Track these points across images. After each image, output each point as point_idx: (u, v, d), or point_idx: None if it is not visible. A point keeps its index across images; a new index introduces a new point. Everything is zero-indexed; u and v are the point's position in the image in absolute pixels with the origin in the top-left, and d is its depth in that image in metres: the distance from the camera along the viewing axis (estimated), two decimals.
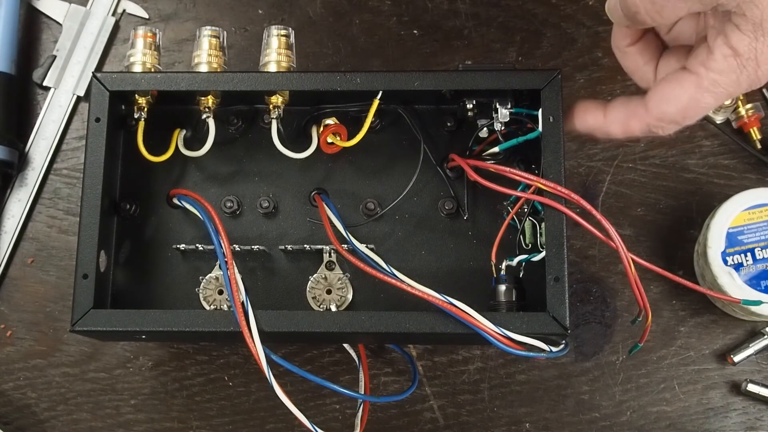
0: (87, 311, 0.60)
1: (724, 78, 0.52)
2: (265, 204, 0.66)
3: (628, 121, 0.56)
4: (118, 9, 0.78)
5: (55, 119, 0.76)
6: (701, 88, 0.52)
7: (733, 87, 0.52)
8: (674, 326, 0.71)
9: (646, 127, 0.55)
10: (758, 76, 0.51)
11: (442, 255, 0.65)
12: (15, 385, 0.72)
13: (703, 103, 0.53)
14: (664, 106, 0.54)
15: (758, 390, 0.69)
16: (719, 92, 0.52)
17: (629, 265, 0.57)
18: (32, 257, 0.74)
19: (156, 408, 0.72)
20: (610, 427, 0.70)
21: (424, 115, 0.66)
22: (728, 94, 0.52)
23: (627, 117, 0.56)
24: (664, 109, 0.54)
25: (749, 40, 0.50)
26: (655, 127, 0.55)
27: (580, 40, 0.76)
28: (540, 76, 0.61)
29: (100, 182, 0.61)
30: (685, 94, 0.53)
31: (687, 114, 0.54)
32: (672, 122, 0.55)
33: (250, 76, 0.63)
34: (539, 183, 0.59)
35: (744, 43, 0.50)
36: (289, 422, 0.71)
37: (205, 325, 0.59)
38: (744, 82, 0.52)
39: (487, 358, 0.71)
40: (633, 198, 0.73)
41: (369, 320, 0.59)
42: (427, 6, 0.77)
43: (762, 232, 0.67)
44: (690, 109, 0.53)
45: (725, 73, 0.51)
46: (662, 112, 0.54)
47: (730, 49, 0.51)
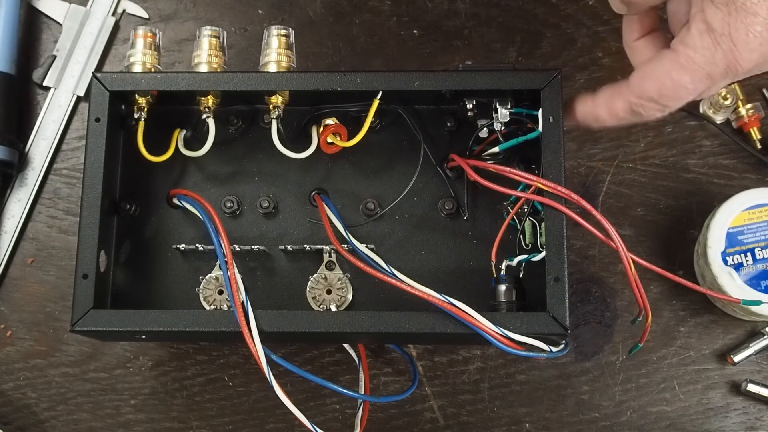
0: (87, 311, 0.60)
1: (698, 55, 0.51)
2: (265, 204, 0.66)
3: (612, 101, 0.56)
4: (118, 9, 0.78)
5: (55, 119, 0.76)
6: (677, 65, 0.52)
7: (709, 65, 0.51)
8: (674, 326, 0.71)
9: (629, 106, 0.55)
10: (735, 58, 0.51)
11: (442, 255, 0.65)
12: (15, 385, 0.72)
13: (679, 80, 0.52)
14: (643, 83, 0.54)
15: (758, 390, 0.69)
16: (695, 70, 0.52)
17: (629, 265, 0.57)
18: (32, 257, 0.74)
19: (156, 408, 0.72)
20: (610, 427, 0.70)
21: (424, 115, 0.66)
22: (705, 74, 0.52)
23: (611, 97, 0.57)
24: (643, 86, 0.54)
25: (722, 14, 0.50)
26: (636, 105, 0.55)
27: (580, 40, 0.76)
28: (540, 76, 0.61)
29: (100, 182, 0.61)
30: (662, 70, 0.53)
31: (664, 92, 0.53)
32: (650, 100, 0.54)
33: (250, 76, 0.63)
34: (539, 183, 0.59)
35: (717, 18, 0.50)
36: (289, 422, 0.71)
37: (205, 325, 0.59)
38: (720, 62, 0.51)
39: (487, 358, 0.71)
40: (633, 198, 0.73)
41: (369, 320, 0.59)
42: (427, 6, 0.77)
43: (762, 232, 0.67)
44: (667, 86, 0.53)
45: (700, 50, 0.51)
46: (641, 89, 0.54)
47: (705, 24, 0.51)
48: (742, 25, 0.50)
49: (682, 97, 0.54)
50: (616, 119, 0.57)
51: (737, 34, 0.50)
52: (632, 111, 0.56)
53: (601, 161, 0.73)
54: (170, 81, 0.63)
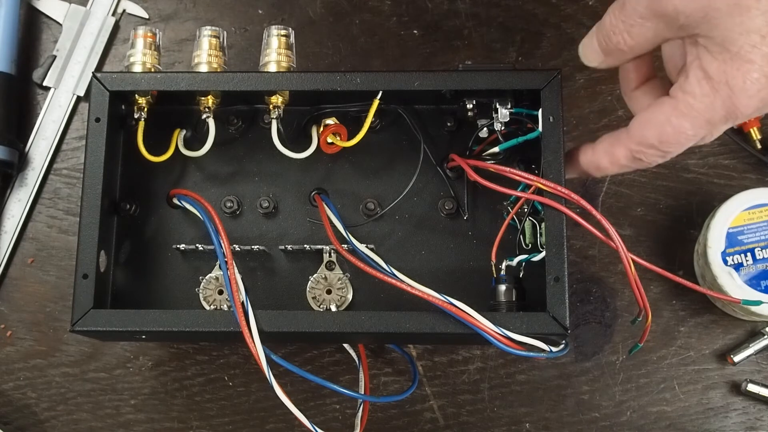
0: (87, 311, 0.60)
1: (698, 102, 0.51)
2: (265, 204, 0.66)
3: (613, 149, 0.56)
4: (118, 9, 0.78)
5: (55, 119, 0.76)
6: (677, 111, 0.52)
7: (709, 112, 0.51)
8: (674, 326, 0.71)
9: (630, 154, 0.55)
10: (735, 105, 0.50)
11: (442, 255, 0.65)
12: (15, 385, 0.72)
13: (679, 127, 0.52)
14: (643, 130, 0.54)
15: (758, 390, 0.69)
16: (694, 117, 0.52)
17: (629, 265, 0.57)
18: (32, 257, 0.74)
19: (156, 408, 0.72)
20: (610, 427, 0.70)
21: (424, 115, 0.66)
22: (705, 121, 0.52)
23: (611, 145, 0.56)
24: (643, 133, 0.54)
25: (718, 63, 0.50)
26: (637, 152, 0.55)
27: (581, 40, 0.75)
28: (540, 76, 0.61)
29: (100, 182, 0.61)
30: (662, 117, 0.53)
31: (664, 138, 0.53)
32: (651, 147, 0.54)
33: (250, 76, 0.63)
34: (539, 183, 0.59)
35: (714, 66, 0.50)
36: (289, 422, 0.71)
37: (205, 325, 0.59)
38: (719, 108, 0.51)
39: (487, 358, 0.71)
40: (633, 198, 0.73)
41: (369, 320, 0.59)
42: (427, 6, 0.77)
43: (762, 232, 0.67)
44: (667, 133, 0.53)
45: (699, 97, 0.51)
46: (642, 136, 0.54)
47: (702, 71, 0.51)
48: (739, 73, 0.50)
49: (683, 143, 0.53)
50: (617, 167, 0.57)
51: (734, 81, 0.50)
52: (633, 158, 0.55)
53: None
54: (170, 81, 0.63)
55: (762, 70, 0.49)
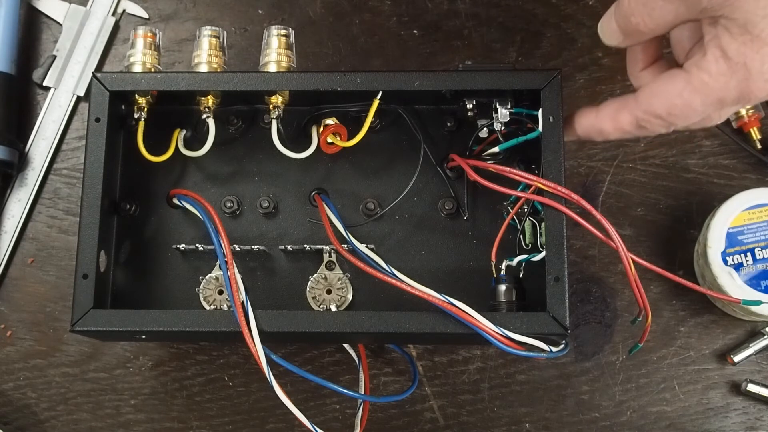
0: (87, 311, 0.60)
1: (713, 80, 0.51)
2: (265, 204, 0.66)
3: (617, 114, 0.56)
4: (118, 9, 0.78)
5: (55, 119, 0.76)
6: (690, 86, 0.52)
7: (722, 91, 0.51)
8: (674, 326, 0.71)
9: (635, 120, 0.55)
10: (750, 88, 0.50)
11: (442, 255, 0.65)
12: (15, 385, 0.72)
13: (690, 102, 0.52)
14: (652, 99, 0.54)
15: (758, 390, 0.69)
16: (707, 94, 0.52)
17: (629, 265, 0.57)
18: (32, 257, 0.74)
19: (156, 408, 0.72)
20: (610, 427, 0.70)
21: (424, 115, 0.66)
22: (717, 99, 0.52)
23: (617, 110, 0.56)
24: (652, 102, 0.54)
25: (738, 44, 0.50)
26: (643, 120, 0.55)
27: (580, 40, 0.76)
28: (540, 76, 0.61)
29: (100, 182, 0.61)
30: (674, 90, 0.53)
31: (672, 111, 0.53)
32: (658, 117, 0.54)
33: (250, 76, 0.63)
34: (539, 183, 0.59)
35: (733, 47, 0.50)
36: (289, 422, 0.71)
37: (205, 325, 0.59)
38: (733, 89, 0.51)
39: (487, 358, 0.71)
40: (633, 198, 0.73)
41: (369, 320, 0.59)
42: (427, 6, 0.77)
43: (762, 232, 0.67)
44: (676, 106, 0.53)
45: (714, 75, 0.51)
46: (650, 104, 0.54)
47: (721, 51, 0.51)
48: (758, 56, 0.50)
49: (690, 117, 0.53)
50: (620, 132, 0.57)
51: (753, 63, 0.50)
52: (638, 125, 0.55)
53: (601, 161, 0.73)
54: (170, 81, 0.63)
55: None
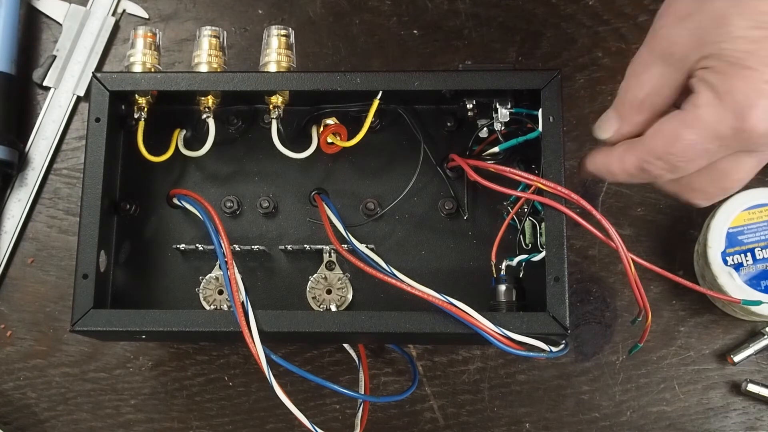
0: (87, 311, 0.60)
1: (705, 113, 0.51)
2: (265, 204, 0.66)
3: (624, 155, 0.56)
4: (118, 9, 0.78)
5: (55, 119, 0.76)
6: (684, 123, 0.52)
7: (716, 124, 0.51)
8: (674, 326, 0.71)
9: (639, 163, 0.55)
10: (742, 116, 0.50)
11: (442, 255, 0.65)
12: (15, 385, 0.72)
13: (685, 138, 0.52)
14: (653, 140, 0.54)
15: (758, 390, 0.69)
16: (701, 128, 0.51)
17: (629, 265, 0.57)
18: (32, 257, 0.74)
19: (156, 408, 0.72)
20: (610, 427, 0.70)
21: (424, 115, 0.66)
22: (713, 134, 0.51)
23: (625, 151, 0.56)
24: (653, 142, 0.54)
25: (719, 74, 0.50)
26: (645, 162, 0.54)
27: (580, 40, 0.76)
28: (540, 76, 0.61)
29: (100, 182, 0.61)
30: (670, 128, 0.53)
31: (671, 150, 0.53)
32: (659, 158, 0.54)
33: (250, 76, 0.63)
34: (539, 183, 0.59)
35: (716, 78, 0.50)
36: (289, 422, 0.71)
37: (205, 325, 0.59)
38: (727, 120, 0.50)
39: (487, 358, 0.71)
40: (633, 198, 0.73)
41: (369, 320, 0.59)
42: (427, 6, 0.77)
43: (762, 232, 0.67)
44: (673, 144, 0.53)
45: (705, 107, 0.51)
46: (651, 145, 0.54)
47: (707, 85, 0.51)
48: (741, 82, 0.50)
49: (690, 157, 0.53)
50: (626, 175, 0.56)
51: (737, 89, 0.50)
52: (642, 168, 0.55)
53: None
54: (170, 81, 0.63)
55: (762, 76, 0.49)
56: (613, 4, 0.76)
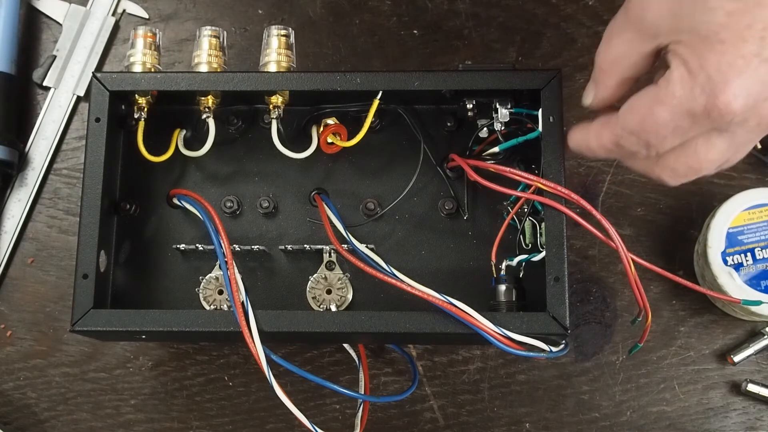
0: (87, 311, 0.60)
1: (677, 90, 0.50)
2: (265, 204, 0.66)
3: (601, 131, 0.55)
4: (118, 9, 0.78)
5: (55, 119, 0.76)
6: (657, 98, 0.51)
7: (688, 101, 0.49)
8: (674, 326, 0.71)
9: (614, 138, 0.54)
10: (714, 92, 0.48)
11: (442, 255, 0.65)
12: (15, 385, 0.72)
13: (657, 114, 0.51)
14: (627, 115, 0.53)
15: (758, 390, 0.69)
16: (674, 105, 0.50)
17: (629, 265, 0.56)
18: (32, 257, 0.74)
19: (156, 408, 0.72)
20: (610, 427, 0.70)
21: (424, 115, 0.66)
22: (685, 111, 0.50)
23: (602, 126, 0.55)
24: (627, 117, 0.53)
25: (691, 49, 0.49)
26: (620, 137, 0.53)
27: (580, 40, 0.76)
28: (540, 76, 0.61)
29: (100, 182, 0.61)
30: (643, 104, 0.52)
31: (643, 126, 0.52)
32: (632, 133, 0.53)
33: (250, 76, 0.63)
34: (539, 183, 0.59)
35: (688, 52, 0.49)
36: (289, 422, 0.71)
37: (205, 325, 0.59)
38: (698, 97, 0.49)
39: (487, 358, 0.71)
40: (633, 198, 0.73)
41: (369, 320, 0.59)
42: (427, 6, 0.77)
43: (762, 232, 0.67)
44: (646, 120, 0.51)
45: (678, 83, 0.49)
46: (624, 120, 0.53)
47: (680, 59, 0.50)
48: (712, 55, 0.48)
49: (662, 133, 0.52)
50: (603, 151, 0.56)
51: (709, 64, 0.48)
52: (617, 144, 0.54)
53: (601, 161, 0.73)
54: (170, 81, 0.63)
55: (736, 49, 0.48)
56: (613, 4, 0.76)
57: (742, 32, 0.47)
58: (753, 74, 0.48)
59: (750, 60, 0.47)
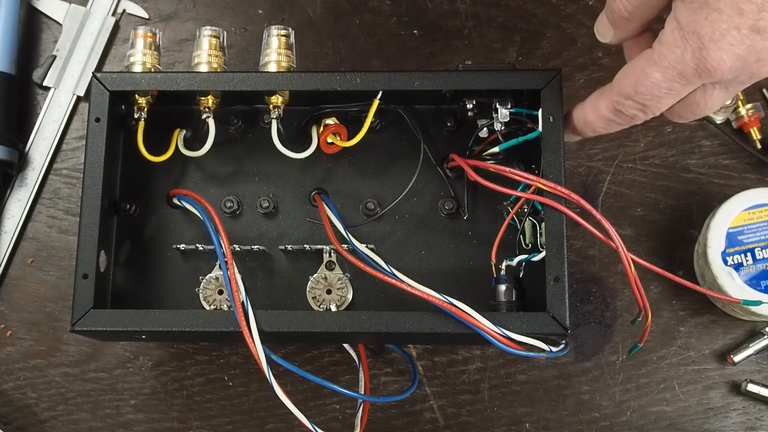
0: (87, 311, 0.60)
1: (669, 52, 0.51)
2: (265, 204, 0.66)
3: (597, 101, 0.57)
4: (118, 9, 0.78)
5: (55, 119, 0.76)
6: (650, 61, 0.52)
7: (680, 63, 0.51)
8: (674, 326, 0.71)
9: (611, 105, 0.55)
10: (704, 57, 0.50)
11: (442, 255, 0.65)
12: (15, 385, 0.72)
13: (651, 76, 0.52)
14: (621, 79, 0.55)
15: (758, 390, 0.69)
16: (666, 67, 0.52)
17: (629, 265, 0.57)
18: (32, 257, 0.74)
19: (156, 408, 0.72)
20: (610, 427, 0.70)
21: (424, 115, 0.66)
22: (678, 73, 0.51)
23: (597, 98, 0.57)
24: (622, 82, 0.54)
25: (689, 11, 0.50)
26: (617, 104, 0.55)
27: (580, 40, 0.76)
28: (540, 76, 0.61)
29: (100, 182, 0.61)
30: (638, 66, 0.53)
31: (638, 89, 0.53)
32: (628, 97, 0.54)
33: (250, 76, 0.63)
34: (539, 183, 0.59)
35: (684, 14, 0.50)
36: (289, 422, 0.71)
37: (205, 325, 0.59)
38: (690, 60, 0.50)
39: (487, 358, 0.71)
40: (633, 198, 0.73)
41: (369, 320, 0.59)
42: (427, 6, 0.77)
43: (762, 232, 0.67)
44: (641, 83, 0.53)
45: (670, 46, 0.51)
46: (620, 85, 0.55)
47: (676, 22, 0.51)
48: (707, 22, 0.49)
49: (657, 95, 0.53)
50: (602, 120, 0.57)
51: (703, 31, 0.50)
52: (615, 110, 0.56)
53: (601, 161, 0.73)
54: (170, 81, 0.63)
55: (731, 20, 0.49)
56: None
57: (739, 4, 0.49)
58: (743, 42, 0.50)
59: (742, 30, 0.49)
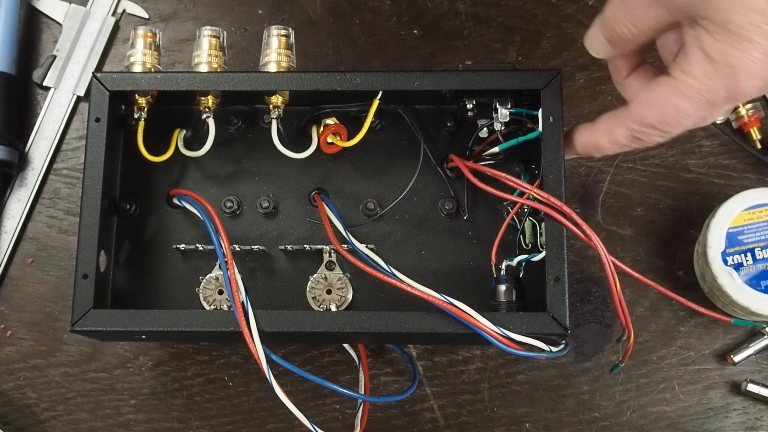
0: (87, 311, 0.60)
1: (698, 83, 0.51)
2: (265, 204, 0.66)
3: (612, 129, 0.56)
4: (118, 9, 0.78)
5: (55, 119, 0.76)
6: (678, 92, 0.52)
7: (710, 93, 0.51)
8: (674, 326, 0.71)
9: (630, 133, 0.55)
10: (736, 86, 0.50)
11: (442, 255, 0.65)
12: (15, 385, 0.72)
13: (680, 107, 0.52)
14: (644, 110, 0.54)
15: (758, 390, 0.69)
16: (695, 97, 0.51)
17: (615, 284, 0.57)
18: (32, 257, 0.74)
19: (156, 408, 0.72)
20: (610, 427, 0.70)
21: (424, 115, 0.66)
22: (707, 102, 0.51)
23: (611, 124, 0.56)
24: (644, 112, 0.54)
25: (718, 43, 0.50)
26: (637, 132, 0.54)
27: (580, 40, 0.74)
28: (540, 76, 0.61)
29: (100, 182, 0.61)
30: (663, 98, 0.53)
31: (664, 119, 0.53)
32: (651, 127, 0.54)
33: (250, 76, 0.63)
34: (533, 192, 0.58)
35: (715, 47, 0.50)
36: (289, 422, 0.71)
37: (205, 325, 0.59)
38: (720, 89, 0.50)
39: (487, 358, 0.71)
40: (633, 198, 0.73)
41: (369, 320, 0.59)
42: (427, 6, 0.77)
43: (762, 232, 0.67)
44: (668, 114, 0.53)
45: (700, 78, 0.51)
46: (642, 115, 0.54)
47: (703, 52, 0.50)
48: (740, 53, 0.49)
49: (683, 123, 0.53)
50: (617, 146, 0.56)
51: (737, 62, 0.49)
52: (634, 138, 0.55)
53: (601, 161, 0.73)
54: (170, 81, 0.63)
55: (762, 48, 0.49)
56: None
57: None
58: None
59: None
